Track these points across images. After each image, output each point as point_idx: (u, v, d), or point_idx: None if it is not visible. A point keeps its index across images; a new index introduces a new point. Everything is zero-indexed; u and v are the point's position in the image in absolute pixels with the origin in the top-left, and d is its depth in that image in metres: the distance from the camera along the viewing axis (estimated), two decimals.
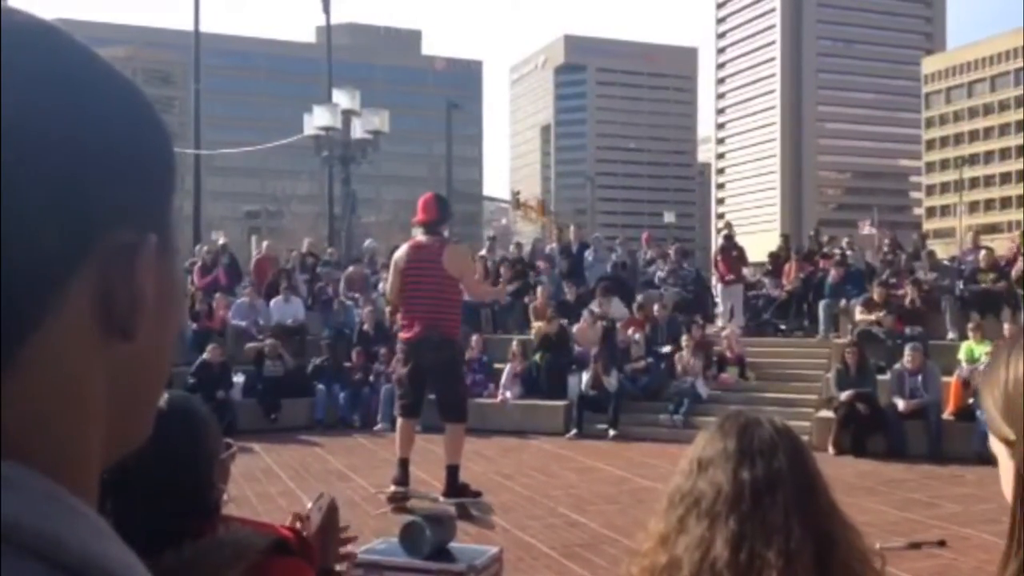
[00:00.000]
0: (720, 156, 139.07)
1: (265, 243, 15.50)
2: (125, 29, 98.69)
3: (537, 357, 11.55)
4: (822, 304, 12.40)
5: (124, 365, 0.43)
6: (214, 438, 1.46)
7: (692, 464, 1.26)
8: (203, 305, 12.60)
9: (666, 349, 11.34)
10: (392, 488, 6.78)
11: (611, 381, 10.64)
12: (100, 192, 0.40)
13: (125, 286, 0.41)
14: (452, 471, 6.80)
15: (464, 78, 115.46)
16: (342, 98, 16.33)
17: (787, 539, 1.16)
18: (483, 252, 16.13)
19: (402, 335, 6.79)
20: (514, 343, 11.70)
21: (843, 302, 12.16)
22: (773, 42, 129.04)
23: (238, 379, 11.21)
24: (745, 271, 14.34)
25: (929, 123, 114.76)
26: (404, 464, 6.85)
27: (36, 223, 0.38)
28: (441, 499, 6.59)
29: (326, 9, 21.19)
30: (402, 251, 6.83)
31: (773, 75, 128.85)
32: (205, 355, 10.72)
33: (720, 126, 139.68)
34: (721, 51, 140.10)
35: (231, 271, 14.36)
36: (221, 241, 15.63)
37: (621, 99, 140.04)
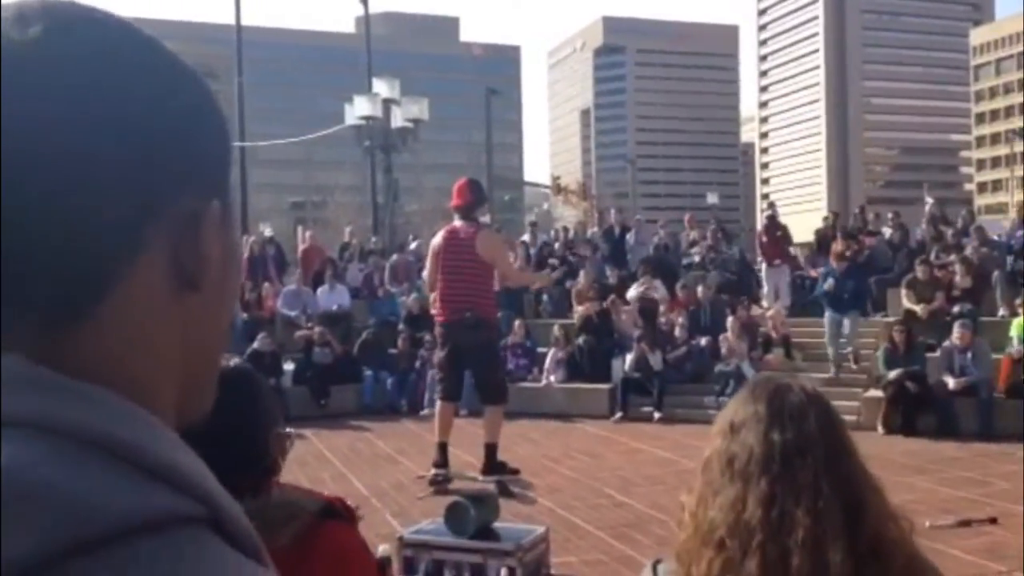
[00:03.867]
0: (764, 135, 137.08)
1: (309, 233, 15.74)
2: (168, 24, 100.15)
3: (580, 340, 11.60)
4: (871, 281, 12.25)
5: (193, 317, 0.49)
6: (272, 401, 1.55)
7: (725, 427, 1.30)
8: (252, 295, 12.88)
9: (704, 341, 11.29)
10: (432, 471, 6.91)
11: (656, 359, 10.66)
12: (168, 164, 0.47)
13: (194, 246, 0.48)
14: (490, 449, 6.92)
15: (502, 64, 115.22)
16: (382, 87, 16.48)
17: (816, 499, 1.20)
18: (524, 237, 16.21)
19: (438, 318, 6.91)
20: (556, 327, 11.77)
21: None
22: (816, 17, 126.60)
23: (288, 367, 11.44)
24: (790, 251, 14.21)
25: (979, 96, 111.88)
26: (443, 447, 6.97)
27: (113, 191, 0.44)
28: (480, 477, 6.71)
29: (364, 0, 21.36)
30: (438, 237, 6.96)
31: (817, 51, 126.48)
32: (256, 344, 10.96)
33: (763, 104, 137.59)
34: (763, 28, 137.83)
35: (278, 261, 14.64)
36: (268, 232, 15.92)
37: (661, 80, 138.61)
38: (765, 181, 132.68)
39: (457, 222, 6.80)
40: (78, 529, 0.38)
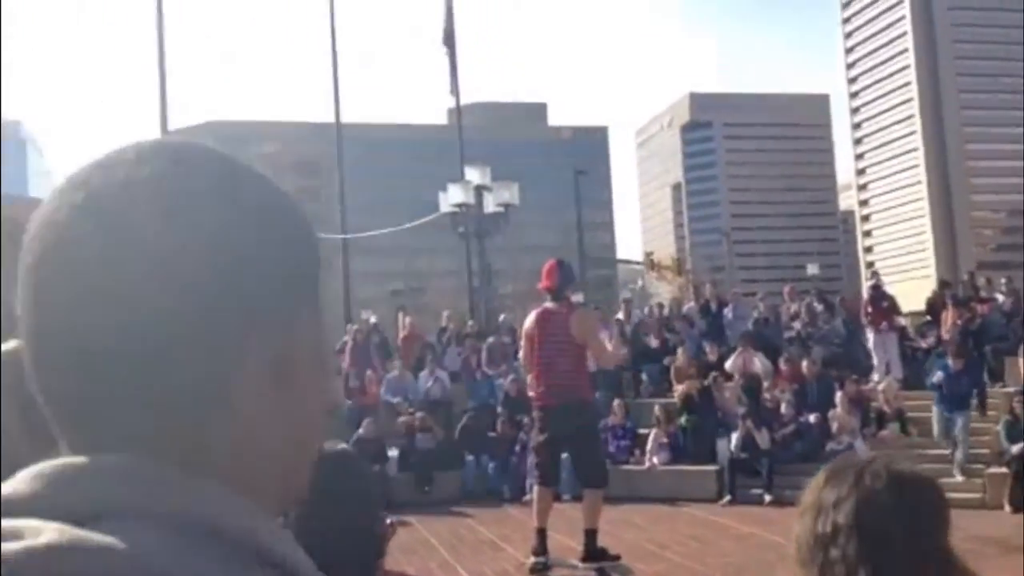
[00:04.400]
0: (863, 203, 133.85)
1: (409, 319, 16.07)
2: (273, 126, 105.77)
3: (683, 420, 11.39)
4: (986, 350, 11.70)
5: (291, 412, 0.56)
6: (376, 487, 1.61)
7: (800, 510, 1.31)
8: (356, 382, 13.18)
9: (813, 418, 10.92)
10: (532, 559, 6.82)
11: (763, 437, 10.35)
12: (266, 282, 0.54)
13: (289, 349, 0.55)
14: (591, 535, 6.79)
15: (590, 144, 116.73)
16: (473, 175, 16.95)
17: None
18: (619, 315, 16.15)
19: (536, 402, 6.90)
20: (657, 407, 11.59)
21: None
22: (909, 83, 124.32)
23: (392, 453, 11.58)
24: (899, 320, 13.73)
25: None
26: (542, 534, 6.87)
27: (219, 310, 0.52)
28: (580, 565, 6.58)
29: (454, 91, 22.20)
30: (530, 319, 6.98)
31: (912, 116, 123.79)
32: (361, 431, 11.17)
33: (860, 172, 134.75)
34: (854, 95, 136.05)
35: (382, 348, 14.95)
36: (372, 320, 16.33)
37: (752, 152, 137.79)
38: (868, 249, 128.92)
39: (549, 303, 6.86)
40: None
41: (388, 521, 1.66)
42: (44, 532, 0.45)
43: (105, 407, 0.51)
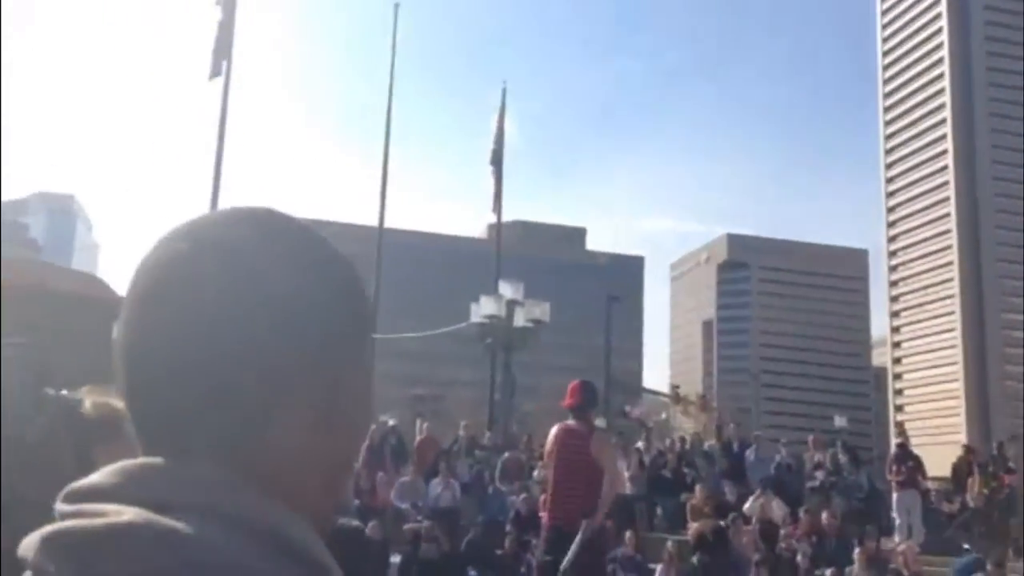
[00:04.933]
0: (896, 361, 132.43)
1: (425, 425, 16.01)
2: (317, 224, 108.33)
3: (694, 559, 11.06)
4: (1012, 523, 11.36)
5: (332, 451, 0.64)
6: (380, 566, 1.64)
7: None
8: (367, 483, 13.04)
9: (830, 572, 10.59)
10: None
11: None
12: (325, 337, 0.63)
13: (333, 400, 0.63)
14: None
15: (625, 272, 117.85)
16: (507, 289, 17.21)
17: None
18: (639, 444, 15.97)
19: (546, 520, 6.80)
20: (669, 543, 11.31)
21: None
22: (950, 246, 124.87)
23: (395, 559, 11.35)
24: (925, 483, 13.43)
25: None
26: None
27: (274, 360, 0.61)
28: None
29: (497, 209, 22.79)
30: (552, 434, 6.97)
31: (951, 279, 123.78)
32: (366, 531, 10.98)
33: (895, 329, 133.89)
34: (893, 254, 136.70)
35: (397, 452, 14.84)
36: (391, 423, 16.27)
37: (788, 298, 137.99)
38: (899, 408, 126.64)
39: (570, 421, 6.85)
40: None
41: None
42: (125, 513, 0.55)
43: (179, 422, 0.61)
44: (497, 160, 23.01)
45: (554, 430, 6.97)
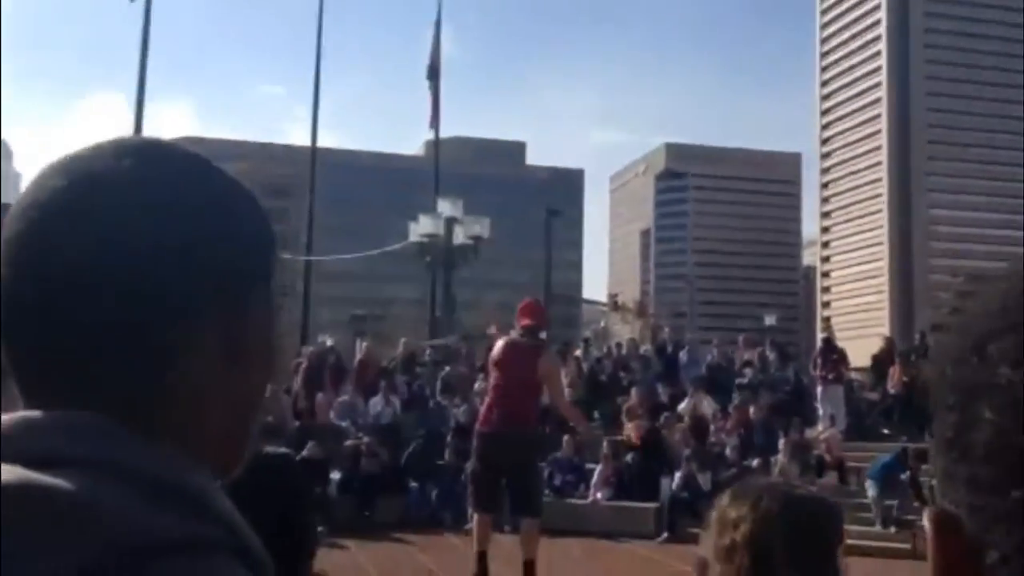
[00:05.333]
0: (825, 259, 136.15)
1: (365, 344, 16.06)
2: (247, 145, 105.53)
3: (629, 458, 11.47)
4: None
5: (236, 390, 0.61)
6: (310, 491, 1.65)
7: (708, 528, 1.37)
8: (306, 403, 13.11)
9: (756, 462, 11.06)
10: None
11: (706, 478, 10.46)
12: (220, 265, 0.59)
13: (240, 329, 0.60)
14: (529, 567, 6.80)
15: (565, 186, 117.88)
16: (445, 207, 17.11)
17: None
18: (578, 353, 16.27)
19: (481, 427, 6.92)
20: (605, 443, 11.67)
21: None
22: (879, 147, 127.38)
23: (335, 476, 11.51)
24: (848, 374, 14.00)
25: None
26: (482, 558, 6.84)
27: (176, 286, 0.57)
28: None
29: (435, 125, 22.45)
30: (498, 346, 7.03)
31: (880, 179, 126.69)
32: (305, 452, 11.08)
33: (825, 230, 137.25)
34: (825, 156, 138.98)
35: (336, 372, 14.88)
36: (328, 343, 16.27)
37: (723, 203, 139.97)
38: (826, 304, 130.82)
39: (518, 337, 6.93)
40: (131, 540, 0.49)
41: (318, 529, 1.71)
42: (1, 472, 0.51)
43: (66, 369, 0.57)
44: (434, 75, 22.54)
45: (501, 343, 7.04)
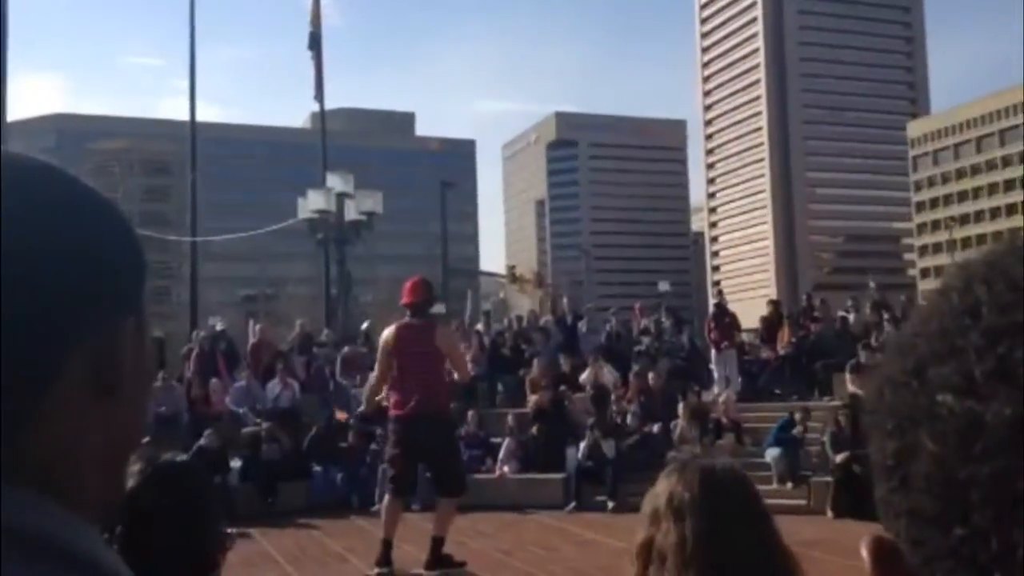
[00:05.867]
0: (713, 225, 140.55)
1: (259, 327, 15.57)
2: (123, 121, 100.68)
3: (534, 430, 11.56)
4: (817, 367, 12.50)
5: (112, 420, 0.55)
6: (214, 499, 1.55)
7: (655, 510, 1.36)
8: (200, 391, 12.66)
9: (657, 428, 11.33)
10: (376, 570, 6.75)
11: (609, 446, 10.65)
12: (86, 291, 0.53)
13: (110, 359, 0.55)
14: (437, 543, 6.81)
15: (458, 157, 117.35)
16: (336, 181, 16.67)
17: None
18: (479, 327, 16.27)
19: (394, 413, 6.83)
20: (510, 417, 11.72)
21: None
22: (759, 112, 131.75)
23: (235, 464, 11.18)
24: (740, 337, 14.45)
25: (918, 186, 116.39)
26: (388, 545, 6.82)
27: (36, 319, 0.51)
28: (424, 573, 6.58)
29: (319, 97, 21.80)
30: (390, 332, 6.91)
31: (761, 144, 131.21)
32: (202, 441, 10.72)
33: (711, 195, 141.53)
34: (708, 123, 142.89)
35: (229, 356, 14.42)
36: (219, 327, 15.72)
37: (614, 172, 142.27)
38: (716, 268, 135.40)
39: (409, 318, 6.83)
40: None
41: (228, 531, 1.60)
42: None
43: None
44: (315, 43, 21.84)
45: (392, 328, 6.93)
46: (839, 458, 9.48)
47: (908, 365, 0.41)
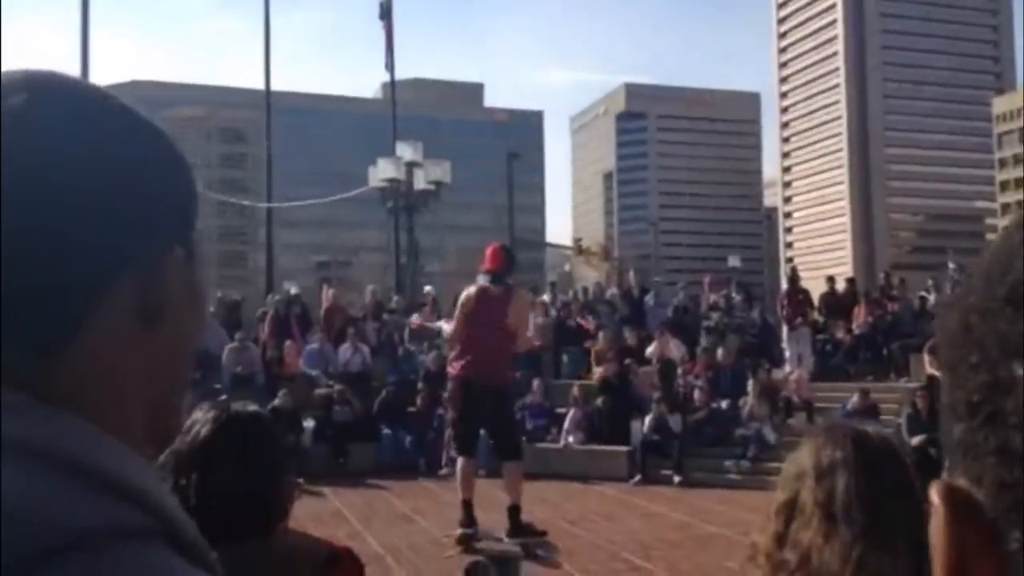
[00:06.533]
0: (787, 200, 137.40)
1: (332, 292, 15.86)
2: (201, 89, 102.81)
3: (599, 402, 11.57)
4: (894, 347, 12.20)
5: (157, 352, 0.55)
6: (282, 448, 1.60)
7: (805, 470, 1.29)
8: (275, 352, 12.99)
9: (725, 404, 11.21)
10: (459, 531, 6.86)
11: (675, 421, 10.60)
12: (132, 217, 0.53)
13: (156, 288, 0.54)
14: (514, 511, 6.86)
15: (525, 128, 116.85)
16: (405, 150, 16.79)
17: (895, 546, 1.19)
18: (544, 298, 16.28)
19: (455, 373, 6.91)
20: (575, 388, 11.75)
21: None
22: (837, 85, 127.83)
23: (308, 424, 11.48)
24: (813, 314, 14.17)
25: (1002, 164, 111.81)
26: (468, 505, 6.91)
27: (82, 243, 0.51)
28: (506, 540, 6.65)
29: (390, 66, 21.93)
30: (471, 293, 6.94)
31: (839, 118, 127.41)
32: (276, 401, 11.01)
33: (786, 169, 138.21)
34: (784, 95, 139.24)
35: (302, 320, 14.74)
36: (293, 291, 16.07)
37: (683, 144, 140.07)
38: (789, 245, 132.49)
39: (488, 283, 6.87)
40: (40, 540, 0.43)
41: (296, 480, 1.66)
42: None
43: None
44: (386, 14, 21.95)
45: (472, 290, 6.96)
46: (915, 441, 9.26)
47: (1000, 292, 0.37)
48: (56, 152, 0.51)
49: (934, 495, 0.39)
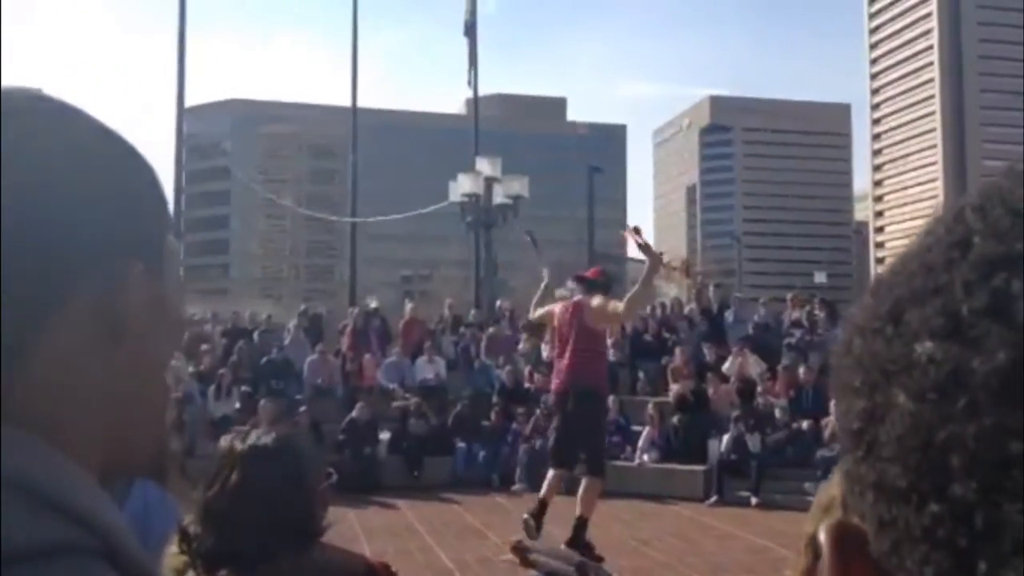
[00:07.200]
0: (878, 214, 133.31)
1: (411, 305, 16.12)
2: (290, 107, 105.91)
3: (675, 419, 11.41)
4: None
5: (119, 368, 0.54)
6: (315, 473, 1.60)
7: (835, 503, 1.28)
8: (354, 365, 13.26)
9: (806, 424, 10.91)
10: (525, 515, 6.81)
11: (754, 440, 10.37)
12: (88, 227, 0.52)
13: (115, 302, 0.53)
14: (581, 524, 6.81)
15: (608, 142, 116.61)
16: (484, 166, 16.96)
17: None
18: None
19: (554, 387, 7.10)
20: (651, 405, 11.61)
21: None
22: (932, 96, 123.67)
23: (384, 436, 11.65)
24: None
25: None
26: (543, 504, 6.79)
27: (36, 251, 0.50)
28: (563, 546, 6.60)
29: (473, 83, 22.22)
30: (565, 307, 7.00)
31: (934, 130, 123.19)
32: (354, 413, 11.24)
33: (877, 183, 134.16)
34: (876, 106, 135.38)
35: (382, 333, 15.01)
36: (373, 305, 16.39)
37: (769, 158, 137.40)
38: (880, 261, 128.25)
39: (579, 296, 6.92)
40: None
41: (329, 479, 1.66)
42: None
43: None
44: (471, 31, 22.26)
45: (560, 305, 7.08)
46: None
47: (883, 309, 0.34)
48: (19, 165, 0.50)
49: (822, 534, 0.35)
